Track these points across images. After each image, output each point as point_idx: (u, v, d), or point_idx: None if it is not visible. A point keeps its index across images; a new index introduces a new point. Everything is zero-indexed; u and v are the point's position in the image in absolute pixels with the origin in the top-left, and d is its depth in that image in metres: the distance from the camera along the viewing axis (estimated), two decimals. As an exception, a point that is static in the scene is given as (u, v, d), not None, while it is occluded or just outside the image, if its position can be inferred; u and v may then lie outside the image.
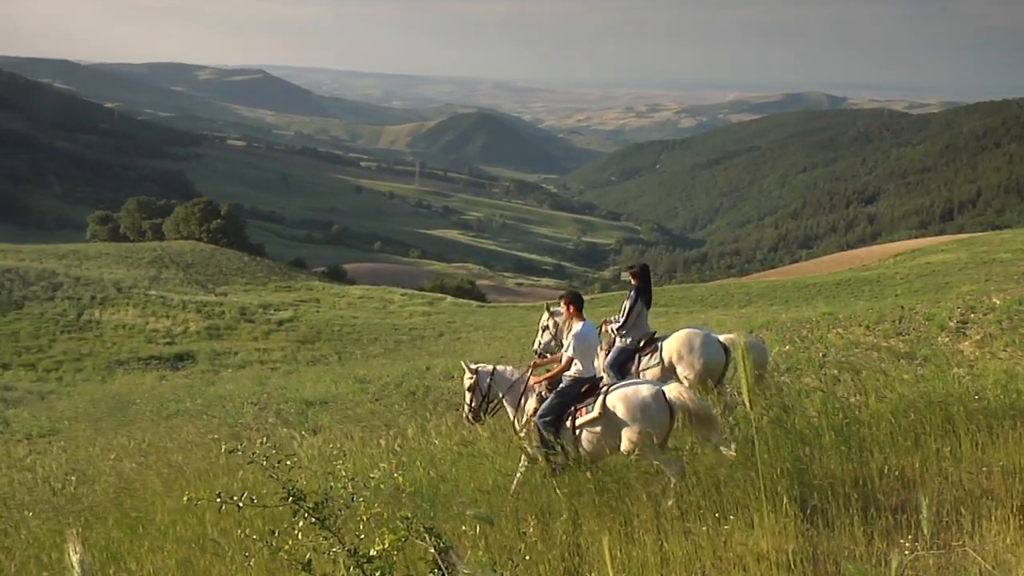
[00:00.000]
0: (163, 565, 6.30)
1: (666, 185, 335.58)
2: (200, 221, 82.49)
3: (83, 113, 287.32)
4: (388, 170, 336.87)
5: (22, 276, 49.09)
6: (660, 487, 6.37)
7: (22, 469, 10.72)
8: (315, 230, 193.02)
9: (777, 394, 8.50)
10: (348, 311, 50.51)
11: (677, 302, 51.84)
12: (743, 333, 9.76)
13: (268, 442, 8.05)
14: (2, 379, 30.88)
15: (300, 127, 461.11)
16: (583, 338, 7.76)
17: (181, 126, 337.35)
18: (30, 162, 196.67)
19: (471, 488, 7.09)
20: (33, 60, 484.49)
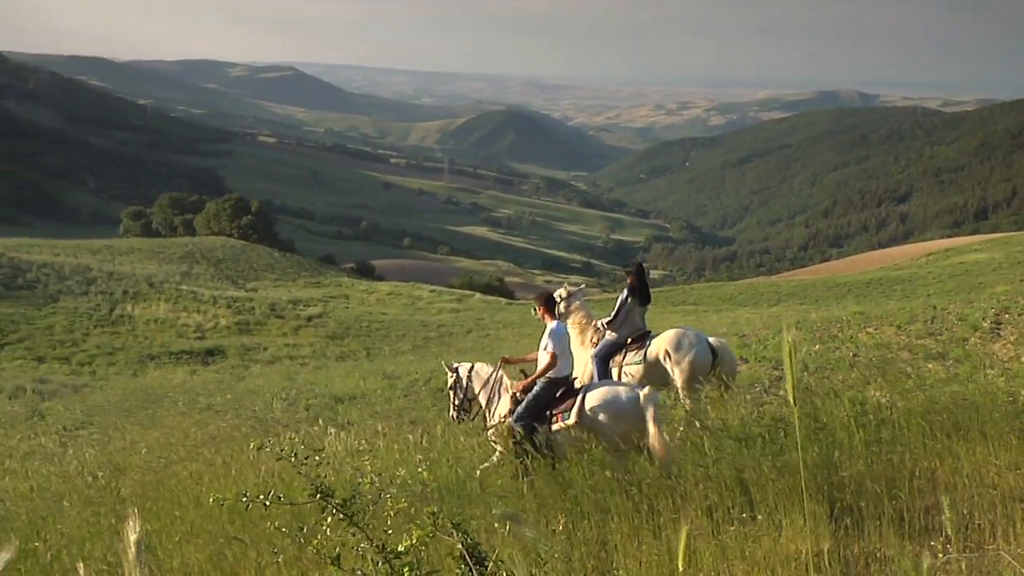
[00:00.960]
0: (194, 558, 6.34)
1: (696, 183, 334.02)
2: (231, 217, 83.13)
3: (118, 110, 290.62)
4: (417, 167, 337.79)
5: (57, 271, 49.68)
6: (686, 487, 6.34)
7: (57, 461, 10.86)
8: (344, 226, 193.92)
9: (807, 395, 8.44)
10: (377, 307, 50.70)
11: (706, 300, 51.58)
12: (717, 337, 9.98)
13: (297, 437, 8.11)
14: (37, 372, 31.26)
15: (330, 124, 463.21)
16: (560, 336, 7.83)
17: (213, 123, 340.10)
18: (66, 158, 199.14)
19: (498, 485, 7.09)
20: (70, 58, 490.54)
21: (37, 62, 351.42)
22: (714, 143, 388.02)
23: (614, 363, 9.73)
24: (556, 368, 7.75)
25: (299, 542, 4.02)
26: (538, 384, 7.78)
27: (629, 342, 9.82)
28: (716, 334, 14.64)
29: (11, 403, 22.03)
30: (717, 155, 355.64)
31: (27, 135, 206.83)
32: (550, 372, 7.75)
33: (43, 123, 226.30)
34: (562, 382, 7.78)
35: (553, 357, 7.71)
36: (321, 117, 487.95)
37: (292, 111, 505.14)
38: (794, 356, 3.89)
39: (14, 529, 7.53)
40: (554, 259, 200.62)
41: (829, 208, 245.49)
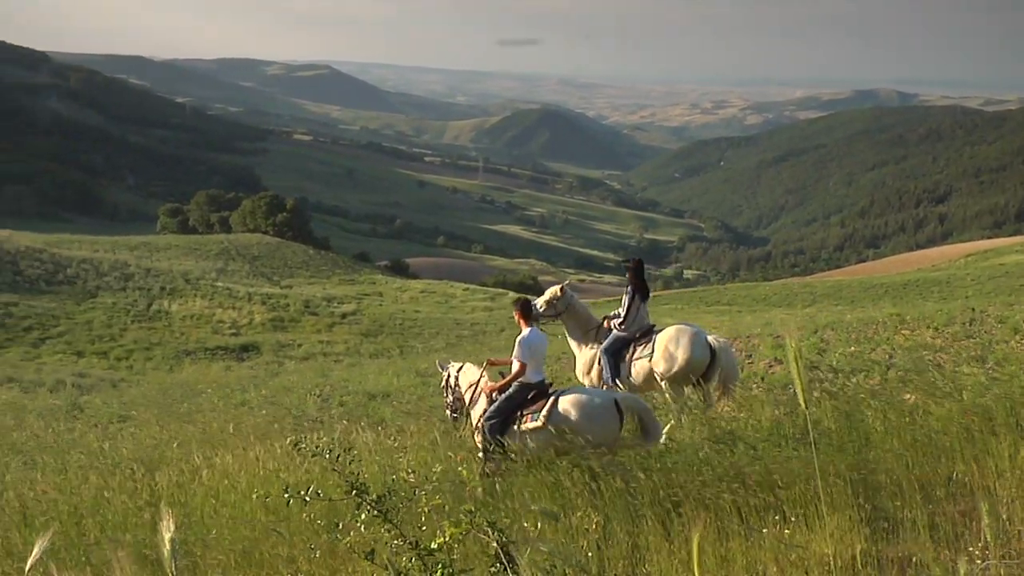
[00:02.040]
0: (228, 551, 6.41)
1: (730, 182, 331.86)
2: (266, 214, 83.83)
3: (156, 108, 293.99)
4: (451, 165, 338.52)
5: (96, 267, 50.36)
6: (717, 490, 6.31)
7: (95, 454, 11.00)
8: (379, 224, 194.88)
9: (842, 396, 8.36)
10: (410, 305, 50.89)
11: (740, 300, 51.26)
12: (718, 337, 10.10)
13: (330, 435, 8.16)
14: (77, 366, 31.72)
15: (365, 122, 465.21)
16: (528, 343, 8.00)
17: (249, 121, 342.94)
18: (106, 156, 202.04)
19: (530, 483, 7.09)
20: (110, 57, 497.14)
21: (78, 61, 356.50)
22: (749, 142, 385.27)
23: (625, 358, 9.85)
24: (526, 375, 7.96)
25: (335, 537, 4.06)
26: (512, 386, 8.00)
27: (637, 337, 9.94)
28: (751, 334, 14.49)
29: (51, 396, 22.37)
30: (752, 154, 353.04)
31: (69, 133, 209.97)
32: (521, 377, 7.98)
33: (84, 121, 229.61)
34: (534, 386, 7.96)
35: (522, 367, 7.94)
36: (356, 115, 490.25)
37: (328, 109, 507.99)
38: (800, 360, 3.91)
39: (56, 518, 7.65)
40: (587, 258, 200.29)
41: (866, 208, 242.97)
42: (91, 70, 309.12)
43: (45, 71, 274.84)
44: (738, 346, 18.14)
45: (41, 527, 7.47)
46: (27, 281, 45.15)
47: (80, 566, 6.42)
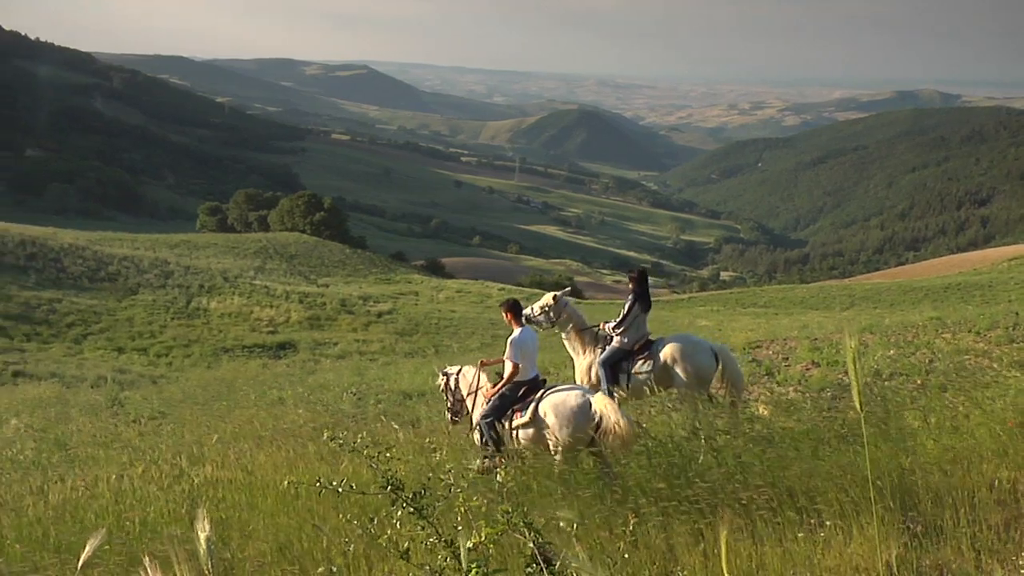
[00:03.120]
0: (263, 548, 6.46)
1: (768, 184, 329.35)
2: (304, 213, 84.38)
3: (197, 108, 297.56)
4: (488, 165, 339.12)
5: (137, 264, 50.98)
6: (752, 494, 6.26)
7: (134, 449, 11.16)
8: (415, 224, 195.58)
9: (879, 400, 8.28)
10: (446, 304, 51.01)
11: (776, 303, 50.84)
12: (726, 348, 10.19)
13: (367, 432, 8.20)
14: (117, 362, 32.15)
15: (403, 122, 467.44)
16: (519, 343, 8.29)
17: (288, 120, 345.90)
18: (147, 155, 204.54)
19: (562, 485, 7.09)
20: (152, 57, 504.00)
21: (121, 62, 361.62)
22: (788, 143, 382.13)
23: (624, 369, 9.95)
24: (521, 371, 8.26)
25: (369, 532, 4.09)
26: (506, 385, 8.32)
27: (636, 348, 10.02)
28: (788, 337, 14.35)
29: (93, 391, 22.69)
30: (790, 156, 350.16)
31: (112, 132, 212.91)
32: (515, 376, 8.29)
33: (126, 121, 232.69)
34: (526, 383, 8.28)
35: (516, 367, 8.24)
36: (394, 115, 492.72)
37: (365, 109, 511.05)
38: (859, 363, 3.83)
39: (98, 512, 7.76)
40: (623, 259, 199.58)
41: (906, 210, 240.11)
42: (133, 70, 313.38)
43: (89, 71, 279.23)
44: (774, 349, 18.00)
45: (86, 519, 7.60)
46: (70, 278, 45.83)
47: (121, 559, 6.51)
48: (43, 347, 34.08)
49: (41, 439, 13.96)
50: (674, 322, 38.43)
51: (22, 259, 46.56)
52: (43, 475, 10.35)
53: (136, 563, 6.50)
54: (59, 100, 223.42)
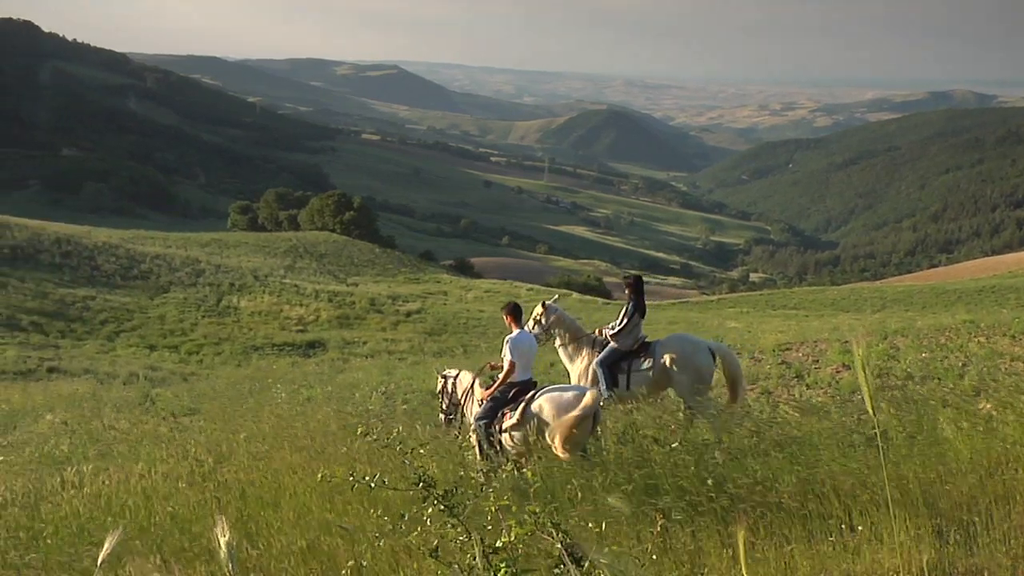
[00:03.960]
0: (291, 545, 6.50)
1: (799, 185, 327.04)
2: (334, 213, 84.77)
3: (229, 108, 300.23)
4: (517, 165, 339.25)
5: (168, 262, 51.48)
6: (779, 497, 6.23)
7: (165, 445, 11.27)
8: (444, 223, 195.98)
9: (911, 404, 8.20)
10: (475, 304, 51.06)
11: (807, 305, 50.44)
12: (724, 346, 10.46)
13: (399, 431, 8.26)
14: (149, 359, 32.49)
15: (433, 122, 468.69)
16: (515, 344, 8.55)
17: (318, 120, 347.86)
18: (180, 154, 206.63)
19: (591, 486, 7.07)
20: (185, 57, 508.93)
21: (155, 62, 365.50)
22: (819, 144, 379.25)
23: (622, 370, 10.03)
24: (515, 373, 8.49)
25: (399, 528, 4.11)
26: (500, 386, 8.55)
27: (635, 349, 10.13)
28: (818, 339, 14.24)
29: (125, 388, 22.95)
30: (822, 157, 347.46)
31: (145, 132, 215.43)
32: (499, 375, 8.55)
33: (159, 120, 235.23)
34: (518, 384, 8.47)
35: (512, 365, 8.46)
36: (424, 115, 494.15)
37: (395, 109, 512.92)
38: (868, 367, 3.84)
39: (129, 508, 7.86)
40: (652, 260, 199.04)
41: (939, 212, 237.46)
42: (167, 70, 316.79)
43: (124, 72, 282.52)
44: (804, 351, 17.88)
45: (117, 513, 7.69)
46: (104, 276, 46.38)
47: (152, 553, 6.58)
48: (77, 344, 34.52)
49: (74, 434, 14.15)
50: (703, 323, 38.25)
51: (57, 257, 47.19)
52: (77, 470, 10.50)
53: (167, 558, 6.59)
54: (95, 101, 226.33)
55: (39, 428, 15.75)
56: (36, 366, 28.27)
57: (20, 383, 24.82)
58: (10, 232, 49.22)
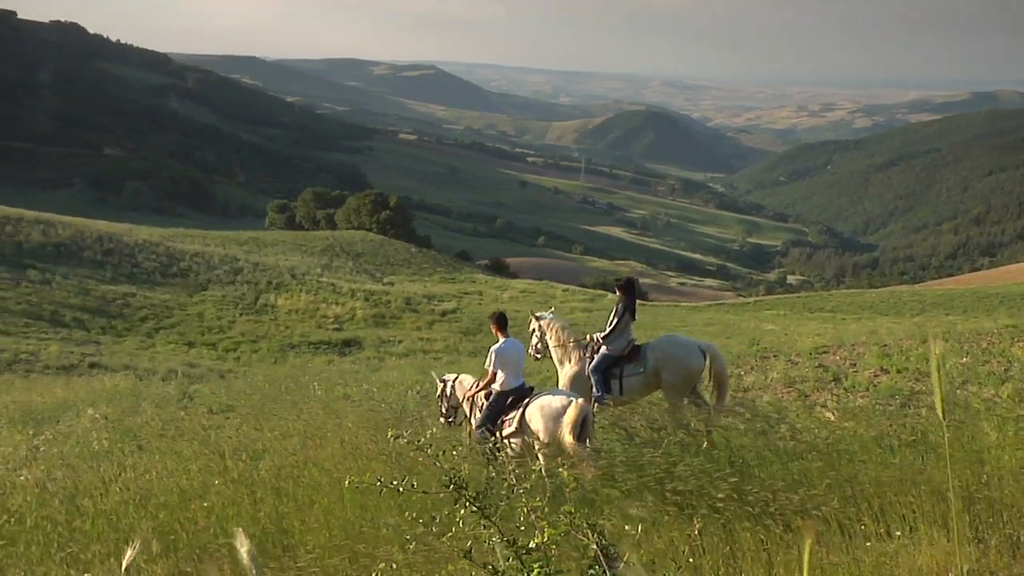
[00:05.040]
0: (323, 543, 6.54)
1: (837, 187, 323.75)
2: (370, 212, 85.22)
3: (267, 107, 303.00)
4: (554, 166, 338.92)
5: (207, 260, 52.01)
6: (816, 501, 6.16)
7: (202, 442, 11.38)
8: (480, 223, 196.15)
9: (952, 409, 8.08)
10: (510, 304, 51.05)
11: (844, 308, 49.91)
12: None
13: (432, 432, 8.27)
14: (187, 356, 32.84)
15: (469, 122, 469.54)
16: (500, 353, 8.76)
17: (356, 120, 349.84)
18: (219, 154, 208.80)
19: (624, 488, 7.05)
20: (225, 57, 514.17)
21: (196, 62, 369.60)
22: (858, 146, 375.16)
23: (615, 375, 10.08)
24: (502, 382, 8.74)
25: (431, 530, 4.12)
26: (492, 395, 8.80)
27: (626, 354, 10.15)
28: (856, 342, 14.11)
29: (164, 384, 23.21)
30: (861, 158, 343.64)
31: (185, 132, 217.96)
32: (496, 385, 8.77)
33: (199, 120, 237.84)
34: (511, 392, 8.69)
35: (492, 375, 8.79)
36: (460, 115, 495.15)
37: (432, 109, 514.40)
38: (942, 369, 3.73)
39: (165, 505, 7.94)
40: (688, 261, 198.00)
41: (981, 215, 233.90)
42: (207, 70, 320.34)
43: (165, 72, 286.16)
44: (842, 354, 17.68)
45: (154, 509, 7.78)
46: (144, 273, 46.98)
47: (187, 549, 6.65)
48: (118, 340, 34.99)
49: (114, 429, 14.32)
50: (739, 325, 38.01)
51: (99, 254, 47.89)
52: (116, 464, 10.63)
53: (201, 555, 6.66)
54: (137, 101, 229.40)
55: (81, 422, 15.98)
56: (78, 361, 28.69)
57: (63, 377, 25.21)
58: (55, 230, 50.03)
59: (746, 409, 9.15)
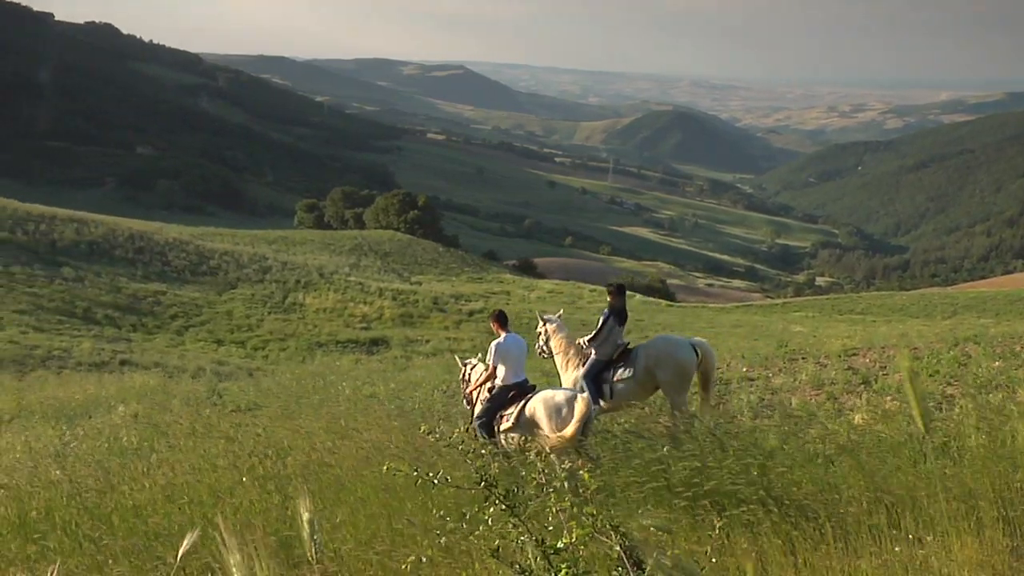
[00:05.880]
0: (350, 538, 6.55)
1: (868, 188, 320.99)
2: (398, 212, 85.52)
3: (297, 107, 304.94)
4: (582, 166, 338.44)
5: (236, 259, 52.39)
6: (845, 505, 6.10)
7: (230, 439, 11.46)
8: (508, 223, 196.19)
9: (985, 413, 7.98)
10: (537, 304, 51.02)
11: (874, 310, 49.49)
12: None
13: (461, 429, 8.28)
14: (216, 354, 33.10)
15: (498, 122, 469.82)
16: (500, 348, 8.94)
17: (385, 120, 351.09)
18: (249, 153, 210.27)
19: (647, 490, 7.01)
20: (255, 58, 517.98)
21: (226, 62, 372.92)
22: (889, 147, 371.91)
23: (607, 379, 10.13)
24: (503, 376, 8.86)
25: (460, 527, 4.12)
26: (494, 388, 8.94)
27: (616, 358, 10.21)
28: (886, 345, 13.98)
29: (193, 382, 23.40)
30: (892, 159, 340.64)
31: (216, 131, 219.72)
32: (498, 380, 8.91)
33: (230, 119, 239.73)
34: (512, 387, 8.80)
35: (492, 370, 8.97)
36: (489, 115, 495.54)
37: (461, 109, 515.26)
38: (916, 383, 3.77)
39: (196, 501, 8.01)
40: (716, 262, 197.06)
41: (1015, 217, 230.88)
42: (237, 70, 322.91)
43: (197, 72, 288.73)
44: (871, 357, 17.52)
45: (184, 506, 7.85)
46: (174, 271, 47.40)
47: (216, 545, 6.69)
48: (148, 337, 35.34)
49: (144, 426, 14.45)
50: (767, 327, 37.78)
51: (131, 252, 48.38)
52: (145, 462, 10.73)
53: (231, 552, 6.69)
54: (169, 101, 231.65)
55: (112, 419, 16.14)
56: (109, 358, 29.00)
57: (95, 374, 25.48)
58: (87, 228, 50.59)
59: (775, 411, 9.09)
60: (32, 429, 16.03)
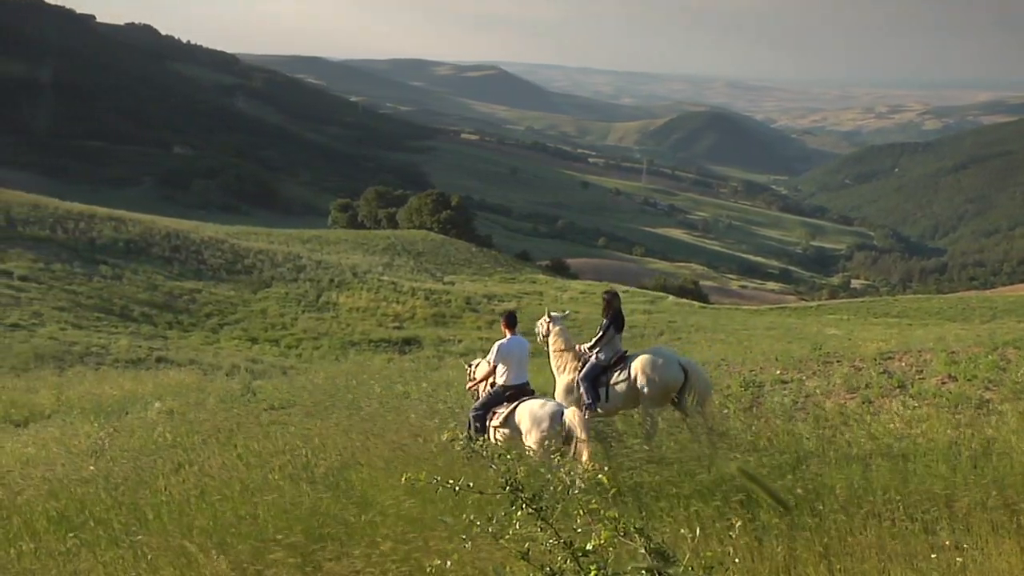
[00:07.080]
0: (380, 539, 6.57)
1: (905, 190, 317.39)
2: (432, 211, 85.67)
3: (331, 107, 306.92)
4: (615, 167, 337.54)
5: (271, 258, 52.78)
6: (877, 509, 6.03)
7: (263, 437, 11.55)
8: (540, 224, 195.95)
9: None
10: (570, 305, 50.78)
11: (911, 313, 48.91)
12: None
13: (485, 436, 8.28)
14: (251, 352, 33.36)
15: (531, 122, 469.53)
16: (503, 349, 9.29)
17: (419, 120, 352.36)
18: (284, 152, 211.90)
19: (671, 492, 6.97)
20: (291, 58, 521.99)
21: (262, 62, 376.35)
22: (927, 148, 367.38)
23: (603, 383, 10.26)
24: (504, 376, 9.21)
25: (487, 531, 4.12)
26: (496, 387, 9.28)
27: (613, 363, 10.35)
28: (922, 348, 13.81)
29: (228, 380, 23.60)
30: (930, 161, 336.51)
31: (251, 131, 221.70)
32: (499, 379, 9.24)
33: (265, 119, 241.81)
34: (511, 387, 9.12)
35: (491, 368, 9.36)
36: (522, 116, 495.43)
37: (494, 109, 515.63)
38: None
39: (228, 497, 8.07)
40: (750, 264, 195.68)
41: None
42: (273, 70, 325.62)
43: (233, 72, 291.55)
44: (907, 360, 17.31)
45: (216, 503, 7.92)
46: (210, 270, 47.84)
47: (246, 540, 6.75)
48: (183, 335, 35.70)
49: (179, 423, 14.61)
50: (801, 330, 37.47)
51: (167, 251, 48.90)
52: (179, 458, 10.85)
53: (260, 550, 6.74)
54: (206, 101, 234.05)
55: (148, 415, 16.33)
56: (146, 355, 29.33)
57: (131, 371, 25.78)
58: (125, 227, 51.19)
59: (809, 414, 9.01)
60: (71, 425, 16.28)
